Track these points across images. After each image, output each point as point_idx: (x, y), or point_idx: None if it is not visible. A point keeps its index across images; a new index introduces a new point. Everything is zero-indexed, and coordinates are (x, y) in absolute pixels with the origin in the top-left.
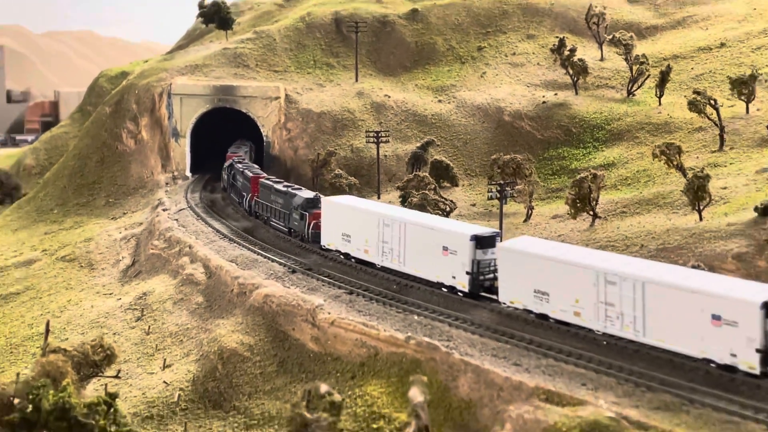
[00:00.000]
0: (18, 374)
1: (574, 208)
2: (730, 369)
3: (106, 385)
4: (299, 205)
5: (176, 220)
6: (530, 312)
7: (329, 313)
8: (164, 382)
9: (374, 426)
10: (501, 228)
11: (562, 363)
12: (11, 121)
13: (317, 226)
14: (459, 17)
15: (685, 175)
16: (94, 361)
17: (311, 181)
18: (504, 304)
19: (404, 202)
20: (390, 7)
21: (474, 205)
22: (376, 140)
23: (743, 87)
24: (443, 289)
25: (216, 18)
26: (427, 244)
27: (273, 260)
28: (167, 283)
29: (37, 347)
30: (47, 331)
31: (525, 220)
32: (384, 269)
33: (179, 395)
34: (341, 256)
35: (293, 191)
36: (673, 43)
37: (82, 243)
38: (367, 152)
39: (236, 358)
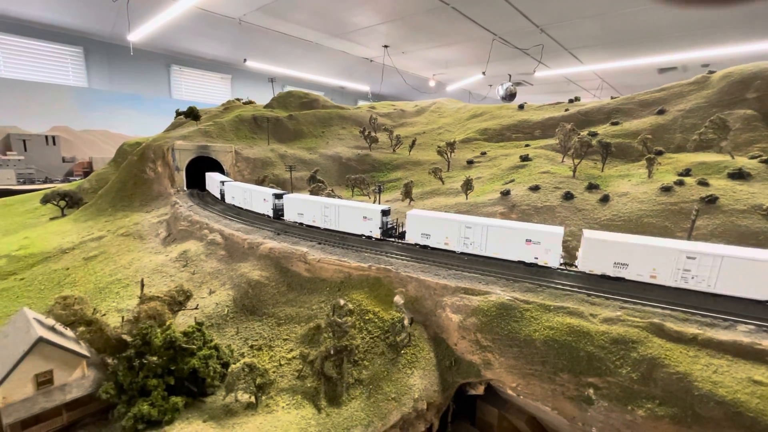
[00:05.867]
0: (123, 318)
1: (404, 195)
2: (534, 264)
3: (195, 317)
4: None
5: (190, 210)
6: (420, 245)
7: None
8: (216, 303)
9: (366, 317)
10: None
11: (462, 272)
12: (65, 172)
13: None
14: (312, 119)
15: (442, 181)
16: (180, 301)
17: None
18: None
19: (312, 194)
20: (279, 113)
21: (340, 197)
22: (290, 169)
23: (449, 147)
24: (363, 236)
25: (191, 115)
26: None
27: (261, 228)
28: (197, 245)
29: (119, 288)
30: (142, 285)
31: (375, 201)
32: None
33: (227, 309)
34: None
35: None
36: (402, 130)
37: (132, 225)
38: (282, 176)
39: (259, 284)
